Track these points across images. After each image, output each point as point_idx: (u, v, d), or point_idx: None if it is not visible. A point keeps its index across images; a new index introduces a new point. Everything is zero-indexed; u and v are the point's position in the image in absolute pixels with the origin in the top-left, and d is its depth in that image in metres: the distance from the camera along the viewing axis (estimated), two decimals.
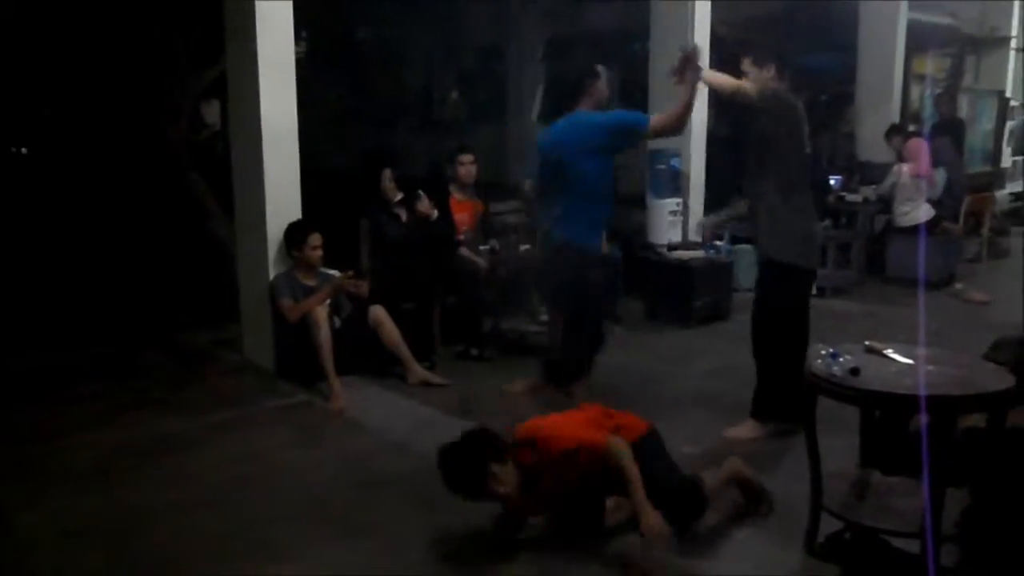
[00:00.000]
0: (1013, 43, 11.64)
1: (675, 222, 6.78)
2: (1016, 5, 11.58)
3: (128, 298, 6.12)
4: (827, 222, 7.57)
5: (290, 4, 4.69)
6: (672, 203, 6.76)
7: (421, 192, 5.26)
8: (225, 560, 2.95)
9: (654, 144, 6.83)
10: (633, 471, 2.74)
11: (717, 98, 4.00)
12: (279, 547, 3.04)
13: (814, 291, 6.85)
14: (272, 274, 4.77)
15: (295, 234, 4.74)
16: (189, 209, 6.58)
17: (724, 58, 7.84)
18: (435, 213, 5.25)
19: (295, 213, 4.82)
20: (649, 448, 2.96)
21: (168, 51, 6.42)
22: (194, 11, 5.98)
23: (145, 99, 6.65)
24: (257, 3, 4.54)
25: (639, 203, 7.05)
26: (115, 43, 6.42)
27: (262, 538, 3.10)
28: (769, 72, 3.81)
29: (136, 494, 3.44)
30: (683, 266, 6.14)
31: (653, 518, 2.71)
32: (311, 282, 4.77)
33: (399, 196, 5.36)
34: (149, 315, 6.00)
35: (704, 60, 3.80)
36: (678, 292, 6.08)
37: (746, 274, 6.60)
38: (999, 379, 2.68)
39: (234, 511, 3.30)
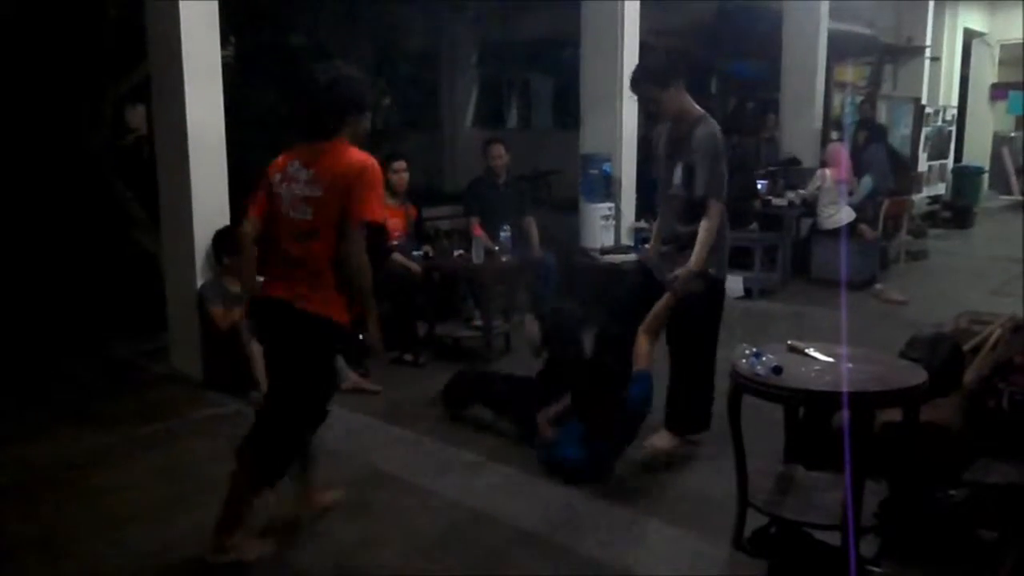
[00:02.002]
0: (928, 52, 12.15)
1: (607, 226, 6.86)
2: (930, 16, 12.08)
3: (51, 308, 5.92)
4: (754, 225, 7.77)
5: (215, 6, 4.62)
6: (604, 207, 6.85)
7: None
8: None
9: (586, 149, 6.93)
10: None
11: (646, 106, 4.00)
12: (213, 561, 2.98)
13: (741, 293, 7.10)
14: (200, 282, 4.68)
15: (223, 241, 4.66)
16: (113, 216, 6.40)
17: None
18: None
19: (223, 219, 4.74)
20: None
21: (88, 54, 6.24)
22: (115, 13, 5.84)
23: (65, 104, 6.45)
24: (181, 5, 4.46)
25: (572, 208, 7.13)
26: (31, 46, 6.21)
27: (195, 554, 3.03)
28: (677, 89, 3.70)
29: (61, 512, 3.34)
30: (615, 270, 6.22)
31: None
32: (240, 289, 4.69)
33: None
34: (73, 325, 5.81)
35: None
36: (610, 295, 6.15)
37: None
38: (913, 375, 2.80)
39: (163, 527, 3.22)
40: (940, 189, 12.16)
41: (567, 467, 3.57)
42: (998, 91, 14.72)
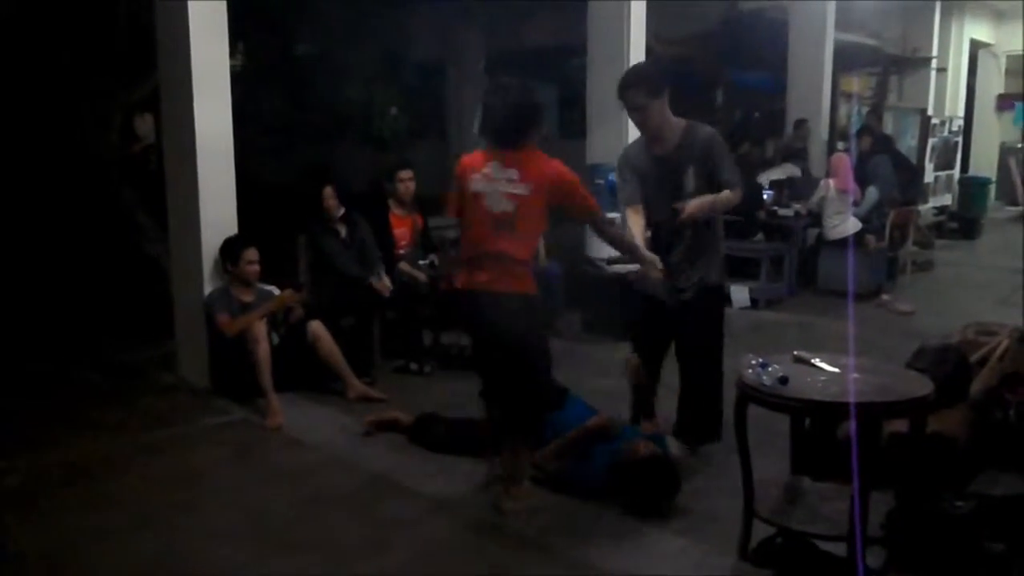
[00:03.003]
0: (934, 63, 12.16)
1: None
2: (936, 27, 12.09)
3: (60, 315, 5.95)
4: (760, 236, 7.78)
5: (224, 16, 4.64)
6: (610, 217, 6.83)
7: (381, 274, 5.22)
8: None
9: (592, 159, 6.93)
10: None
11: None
12: (220, 569, 2.98)
13: (747, 303, 7.10)
14: (207, 290, 4.70)
15: (230, 249, 4.69)
16: (121, 224, 6.43)
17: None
18: (390, 290, 5.21)
19: (231, 228, 4.76)
20: None
21: (97, 63, 6.28)
22: (125, 22, 5.87)
23: (74, 112, 6.49)
24: (191, 15, 4.49)
25: None
26: (40, 54, 6.26)
27: (201, 560, 3.04)
28: (663, 101, 3.66)
29: (68, 518, 3.34)
30: (620, 280, 6.22)
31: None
32: (248, 298, 4.71)
33: (341, 212, 5.34)
34: (80, 332, 5.84)
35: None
36: (615, 305, 6.15)
37: None
38: (920, 386, 2.79)
39: (171, 533, 3.23)
40: (947, 200, 12.14)
41: (591, 490, 3.47)
42: (1004, 102, 14.72)
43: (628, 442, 3.47)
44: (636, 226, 3.72)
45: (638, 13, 6.69)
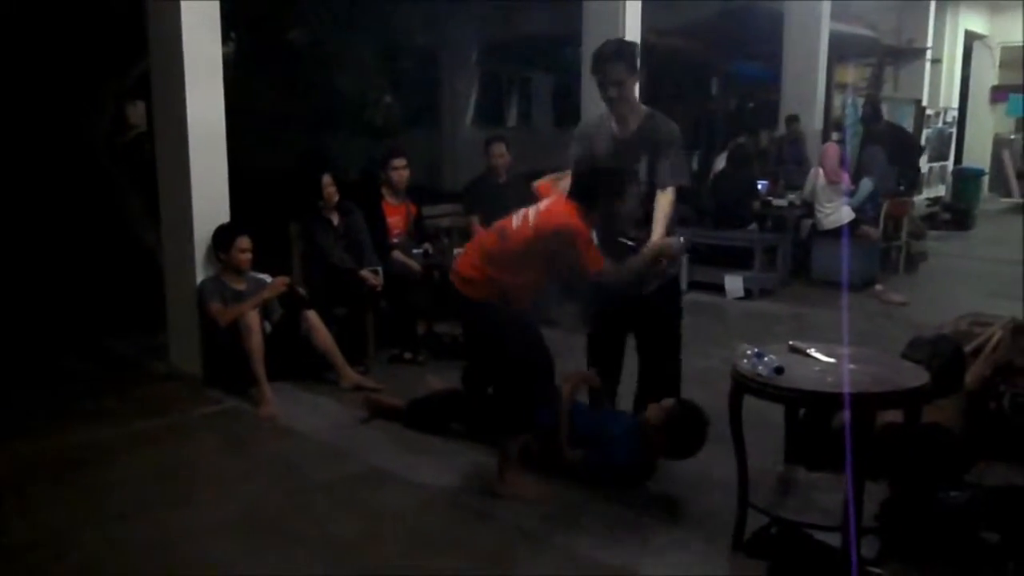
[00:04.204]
0: (928, 54, 12.16)
1: None
2: (931, 18, 12.09)
3: (50, 304, 5.91)
4: (753, 225, 7.77)
5: (216, 2, 4.60)
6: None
7: (379, 269, 5.19)
8: (157, 575, 2.88)
9: None
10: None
11: (649, 105, 3.88)
12: (212, 559, 2.97)
13: (741, 293, 7.11)
14: (200, 278, 4.67)
15: (222, 237, 4.65)
16: (113, 212, 6.39)
17: (654, 66, 7.99)
18: (381, 284, 5.19)
19: (223, 216, 4.73)
20: None
21: (88, 50, 6.23)
22: (116, 8, 5.82)
23: (66, 99, 6.44)
24: (183, 1, 4.44)
25: None
26: (31, 41, 6.20)
27: (194, 550, 3.03)
28: (635, 77, 3.60)
29: (60, 508, 3.32)
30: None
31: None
32: (240, 286, 4.69)
33: (336, 199, 5.31)
34: (72, 322, 5.80)
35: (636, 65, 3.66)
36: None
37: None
38: (915, 376, 2.79)
39: (163, 523, 3.21)
40: (940, 191, 12.17)
41: (623, 473, 3.48)
42: (999, 93, 14.73)
43: (641, 413, 3.56)
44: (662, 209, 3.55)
45: (633, 3, 6.66)
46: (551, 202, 3.31)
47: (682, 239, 3.59)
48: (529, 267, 3.27)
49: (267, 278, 4.80)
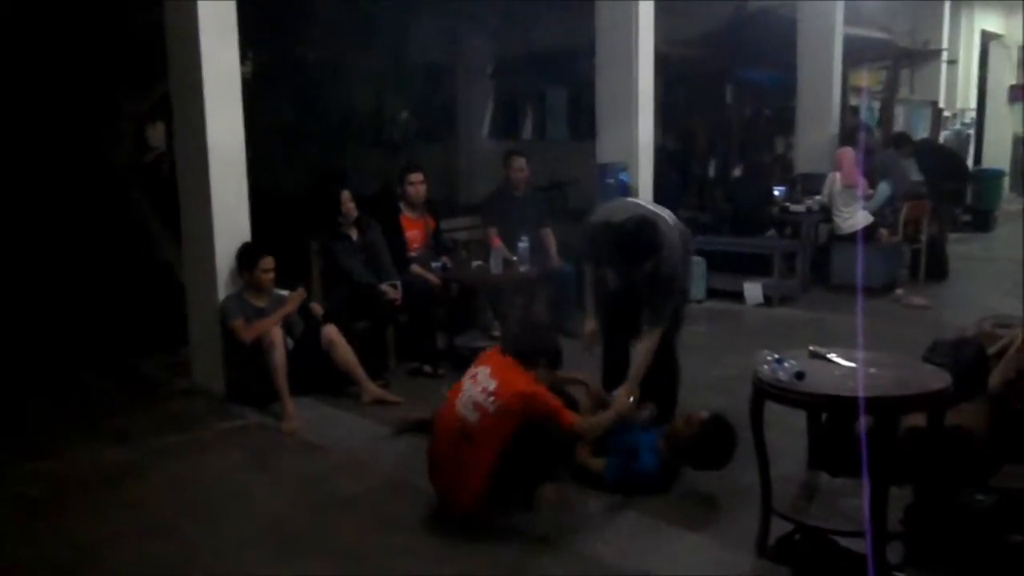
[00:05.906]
0: (944, 55, 12.08)
1: None
2: (946, 19, 12.02)
3: (73, 322, 5.99)
4: (771, 232, 7.75)
5: (234, 22, 4.66)
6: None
7: (398, 283, 5.23)
8: None
9: (602, 158, 6.93)
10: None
11: (664, 114, 3.97)
12: (239, 573, 3.00)
13: (761, 300, 7.08)
14: (221, 296, 4.72)
15: (247, 256, 4.71)
16: (135, 231, 6.47)
17: (668, 76, 8.00)
18: (400, 298, 5.22)
19: (244, 234, 4.78)
20: None
21: (108, 72, 6.33)
22: (135, 31, 5.91)
23: (87, 121, 6.54)
24: (201, 23, 4.51)
25: None
26: (53, 64, 6.31)
27: (218, 565, 3.06)
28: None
29: (85, 524, 3.37)
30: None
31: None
32: (262, 303, 4.73)
33: (355, 215, 5.36)
34: (95, 340, 5.87)
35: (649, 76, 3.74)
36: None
37: (697, 285, 6.71)
38: (937, 379, 2.78)
39: (188, 538, 3.25)
40: None
41: (648, 480, 3.48)
42: (1017, 92, 14.60)
43: (671, 424, 3.58)
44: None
45: (646, 13, 6.68)
46: (515, 384, 3.19)
47: (650, 411, 3.72)
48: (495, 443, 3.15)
49: (286, 294, 4.84)
